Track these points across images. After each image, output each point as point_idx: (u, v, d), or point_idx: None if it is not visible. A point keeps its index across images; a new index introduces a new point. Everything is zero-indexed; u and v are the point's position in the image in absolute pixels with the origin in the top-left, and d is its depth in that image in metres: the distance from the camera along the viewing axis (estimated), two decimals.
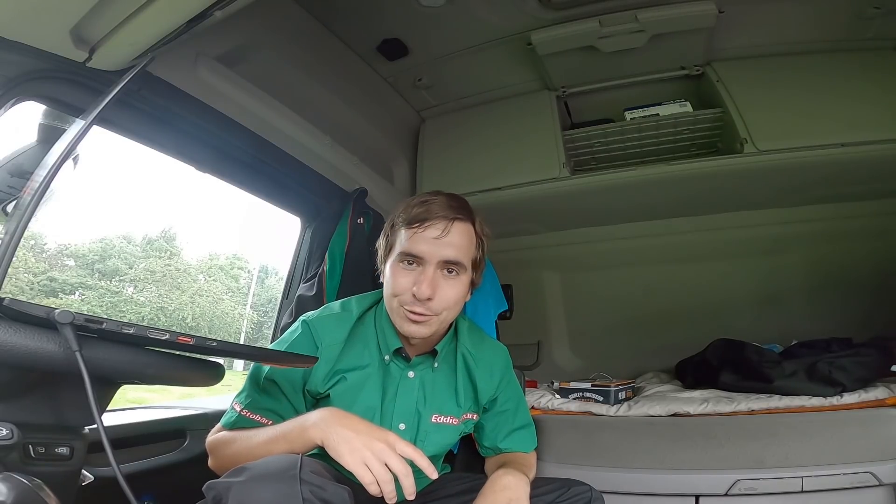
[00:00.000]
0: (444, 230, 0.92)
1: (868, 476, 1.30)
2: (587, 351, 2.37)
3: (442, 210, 0.93)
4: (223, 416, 0.95)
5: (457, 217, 0.94)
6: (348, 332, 0.98)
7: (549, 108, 1.95)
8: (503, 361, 1.11)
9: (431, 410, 0.99)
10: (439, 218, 0.92)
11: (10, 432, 0.67)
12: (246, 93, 1.39)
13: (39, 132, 0.99)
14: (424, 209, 0.93)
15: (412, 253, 0.92)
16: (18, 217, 0.87)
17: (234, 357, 0.90)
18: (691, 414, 1.52)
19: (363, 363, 0.97)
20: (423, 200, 0.95)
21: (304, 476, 0.66)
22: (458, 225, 0.94)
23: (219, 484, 0.69)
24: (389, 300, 0.96)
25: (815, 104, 1.69)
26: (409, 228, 0.93)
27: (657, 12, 1.61)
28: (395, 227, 0.97)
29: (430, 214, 0.92)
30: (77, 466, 0.75)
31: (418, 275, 0.91)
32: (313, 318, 1.00)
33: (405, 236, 0.93)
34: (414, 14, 1.61)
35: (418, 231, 0.92)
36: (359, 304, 1.03)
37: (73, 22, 0.90)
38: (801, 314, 2.04)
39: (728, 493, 1.37)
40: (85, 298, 11.86)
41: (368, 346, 0.99)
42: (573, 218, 2.18)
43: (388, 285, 0.95)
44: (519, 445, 1.11)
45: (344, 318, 0.99)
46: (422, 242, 0.91)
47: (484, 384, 1.05)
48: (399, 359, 1.00)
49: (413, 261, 0.92)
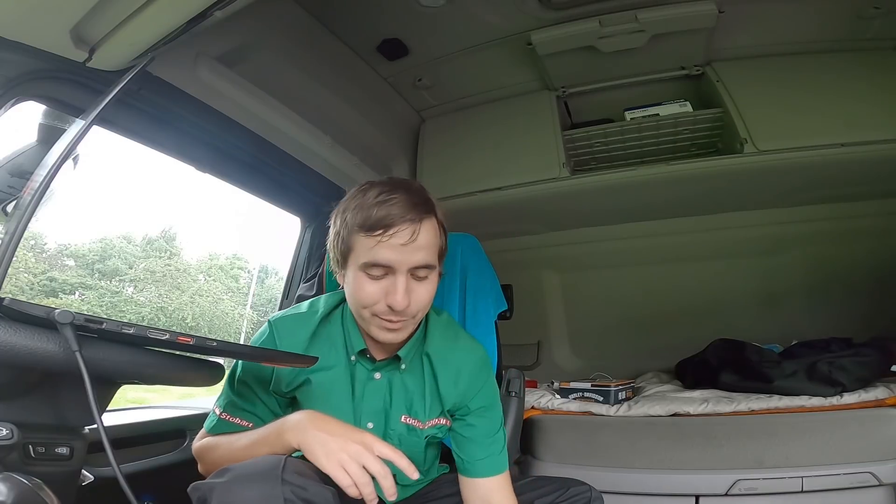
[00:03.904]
0: (412, 235, 0.82)
1: (868, 476, 1.30)
2: (587, 351, 2.37)
3: (406, 212, 0.82)
4: (206, 419, 0.94)
5: (423, 216, 0.83)
6: (311, 333, 0.92)
7: (549, 108, 1.95)
8: (473, 366, 0.97)
9: (400, 411, 0.94)
10: (405, 221, 0.81)
11: (10, 432, 0.67)
12: (246, 93, 1.39)
13: (39, 132, 0.99)
14: (385, 212, 0.81)
15: (379, 263, 0.82)
16: (18, 217, 0.87)
17: (234, 357, 0.89)
18: (691, 414, 1.52)
19: (329, 364, 0.92)
20: (380, 201, 0.82)
21: (286, 477, 0.66)
22: (424, 224, 0.83)
23: (203, 485, 0.69)
24: (358, 310, 0.88)
25: (815, 104, 1.69)
26: (371, 235, 0.81)
27: (657, 12, 1.61)
28: (349, 229, 0.84)
29: (395, 219, 0.81)
30: (77, 466, 0.75)
31: (389, 284, 0.83)
32: (278, 317, 0.95)
33: (366, 243, 0.82)
34: (414, 14, 1.61)
35: (382, 239, 0.81)
36: (326, 303, 0.97)
37: (73, 22, 0.90)
38: (801, 314, 2.04)
39: (728, 493, 1.38)
40: (85, 298, 11.87)
41: (335, 346, 0.93)
42: (573, 218, 2.18)
43: (355, 296, 0.86)
44: (486, 470, 0.94)
45: (307, 318, 0.94)
46: (388, 251, 0.81)
47: (447, 390, 0.95)
48: (365, 360, 0.94)
49: (380, 270, 0.83)
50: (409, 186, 0.87)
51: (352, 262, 0.85)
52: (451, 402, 0.96)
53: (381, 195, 0.83)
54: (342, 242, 0.86)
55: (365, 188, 0.87)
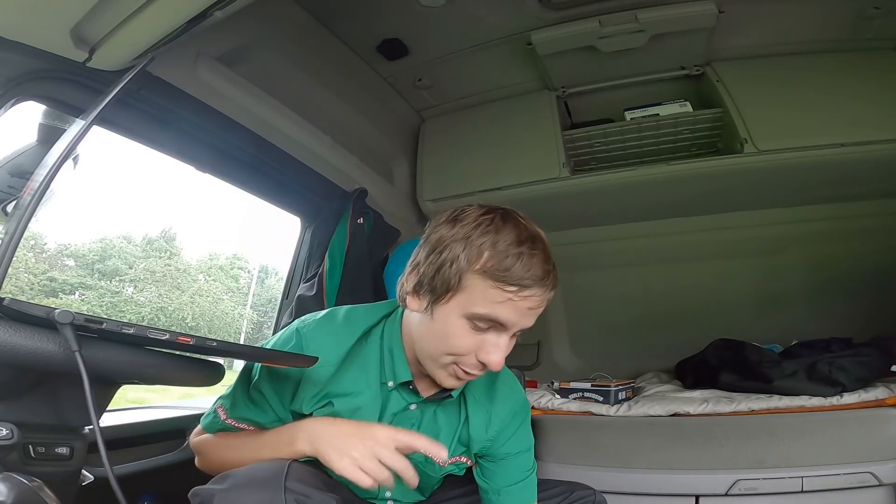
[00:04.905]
0: (541, 303, 0.74)
1: (868, 476, 1.30)
2: (587, 351, 2.36)
3: (545, 275, 0.73)
4: (205, 416, 0.91)
5: (555, 283, 0.75)
6: (346, 353, 0.83)
7: (549, 108, 1.95)
8: (507, 413, 0.92)
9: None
10: (542, 287, 0.73)
11: (10, 432, 0.67)
12: (246, 93, 1.39)
13: (39, 132, 0.99)
14: (526, 270, 0.71)
15: (498, 320, 0.73)
16: (18, 217, 0.87)
17: (234, 357, 0.88)
18: (691, 414, 1.52)
19: (357, 389, 0.83)
20: (521, 252, 0.71)
21: (288, 484, 0.65)
22: (550, 293, 0.75)
23: (203, 490, 0.69)
24: (438, 355, 0.78)
25: (815, 104, 1.69)
26: (502, 289, 0.71)
27: (657, 12, 1.61)
28: (468, 264, 0.72)
29: (533, 281, 0.71)
30: (77, 466, 0.75)
31: (490, 339, 0.75)
32: (309, 328, 0.85)
33: (491, 295, 0.71)
34: (414, 14, 1.61)
35: (514, 299, 0.71)
36: (367, 318, 0.87)
37: (73, 22, 0.90)
38: (801, 314, 2.04)
39: (728, 493, 1.38)
40: (85, 298, 11.86)
41: (367, 370, 0.84)
42: (573, 218, 2.18)
43: (446, 342, 0.76)
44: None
45: (345, 335, 0.84)
46: (514, 312, 0.72)
47: (477, 434, 0.89)
48: (406, 391, 0.86)
49: (489, 323, 0.74)
50: (545, 240, 0.77)
51: (457, 303, 0.74)
52: (479, 444, 0.91)
53: (523, 245, 0.72)
54: (450, 274, 0.73)
55: (495, 220, 0.74)
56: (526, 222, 0.77)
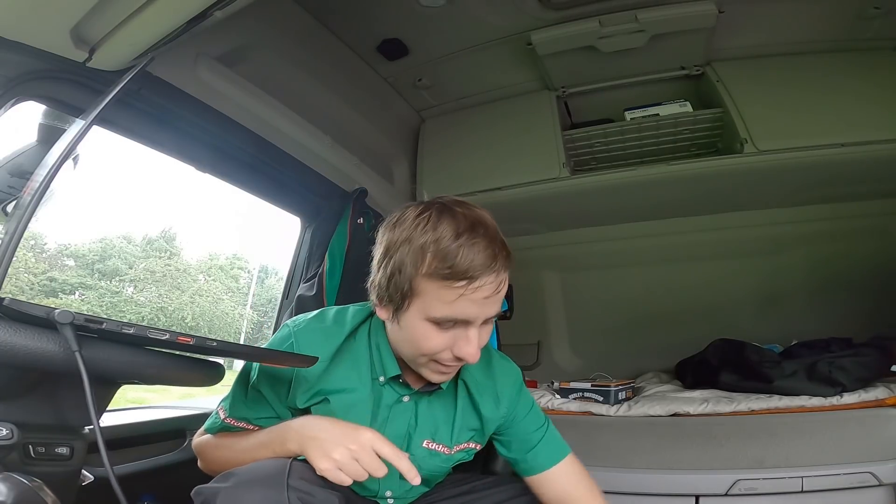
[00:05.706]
0: (495, 289, 0.72)
1: (868, 476, 1.30)
2: (587, 351, 2.37)
3: (490, 260, 0.71)
4: (209, 418, 0.92)
5: (506, 264, 0.74)
6: (335, 350, 0.85)
7: (549, 108, 1.95)
8: (511, 387, 0.95)
9: (423, 436, 0.90)
10: (491, 273, 0.71)
11: (10, 432, 0.67)
12: (246, 93, 1.39)
13: (39, 132, 0.99)
14: (469, 261, 0.69)
15: (457, 318, 0.73)
16: (18, 217, 0.87)
17: (234, 357, 0.88)
18: (691, 414, 1.52)
19: (350, 386, 0.85)
20: (459, 245, 0.70)
21: (291, 482, 0.66)
22: (503, 274, 0.74)
23: (206, 489, 0.69)
24: (415, 357, 0.80)
25: (815, 104, 1.69)
26: (451, 287, 0.70)
27: (657, 12, 1.61)
28: (414, 269, 0.72)
29: (479, 270, 0.70)
30: (77, 466, 0.75)
31: (459, 334, 0.75)
32: (301, 327, 0.87)
33: (442, 295, 0.71)
34: (414, 14, 1.61)
35: (466, 293, 0.70)
36: (354, 317, 0.89)
37: (73, 22, 0.90)
38: (802, 314, 2.04)
39: (728, 493, 1.37)
40: (85, 298, 11.87)
41: (358, 367, 0.86)
42: (573, 218, 2.18)
43: (417, 345, 0.77)
44: (553, 457, 0.96)
45: (332, 333, 0.86)
46: (470, 306, 0.72)
47: (490, 413, 0.92)
48: (397, 384, 0.88)
49: (453, 322, 0.74)
50: (486, 223, 0.74)
51: (416, 308, 0.74)
52: (495, 423, 0.94)
53: (461, 238, 0.70)
54: (402, 282, 0.73)
55: (431, 218, 0.73)
56: (464, 210, 0.75)
